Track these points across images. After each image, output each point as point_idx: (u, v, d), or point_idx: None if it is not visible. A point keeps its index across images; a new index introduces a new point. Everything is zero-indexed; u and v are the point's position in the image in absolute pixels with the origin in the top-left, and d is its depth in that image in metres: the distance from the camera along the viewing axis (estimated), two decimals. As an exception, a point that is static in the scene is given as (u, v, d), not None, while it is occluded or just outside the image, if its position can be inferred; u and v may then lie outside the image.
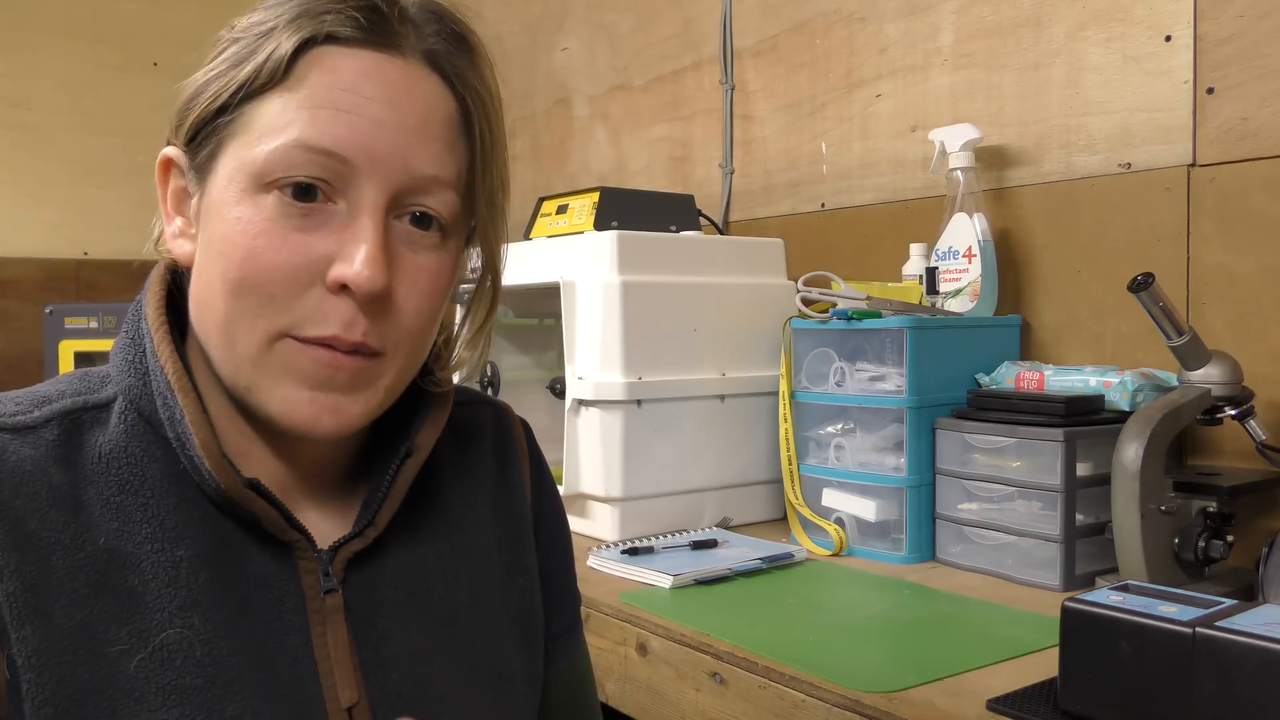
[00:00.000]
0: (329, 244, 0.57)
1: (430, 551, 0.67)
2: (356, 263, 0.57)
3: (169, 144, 0.63)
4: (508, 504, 0.74)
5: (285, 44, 0.57)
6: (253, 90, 0.58)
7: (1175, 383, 1.14)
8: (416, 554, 0.66)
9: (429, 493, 0.68)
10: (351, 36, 0.58)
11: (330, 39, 0.58)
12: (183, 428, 0.58)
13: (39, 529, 0.55)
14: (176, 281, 0.65)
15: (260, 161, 0.57)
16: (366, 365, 0.59)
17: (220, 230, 0.58)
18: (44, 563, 0.54)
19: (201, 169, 0.61)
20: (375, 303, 0.58)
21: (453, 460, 0.71)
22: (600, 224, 1.49)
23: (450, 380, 0.70)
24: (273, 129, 0.57)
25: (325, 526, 0.65)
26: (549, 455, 0.82)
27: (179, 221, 0.63)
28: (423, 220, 0.60)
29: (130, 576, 0.56)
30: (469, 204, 0.63)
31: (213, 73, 0.59)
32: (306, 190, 0.57)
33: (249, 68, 0.58)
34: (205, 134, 0.60)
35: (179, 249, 0.63)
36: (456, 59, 0.62)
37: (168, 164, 0.63)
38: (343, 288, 0.57)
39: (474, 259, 0.69)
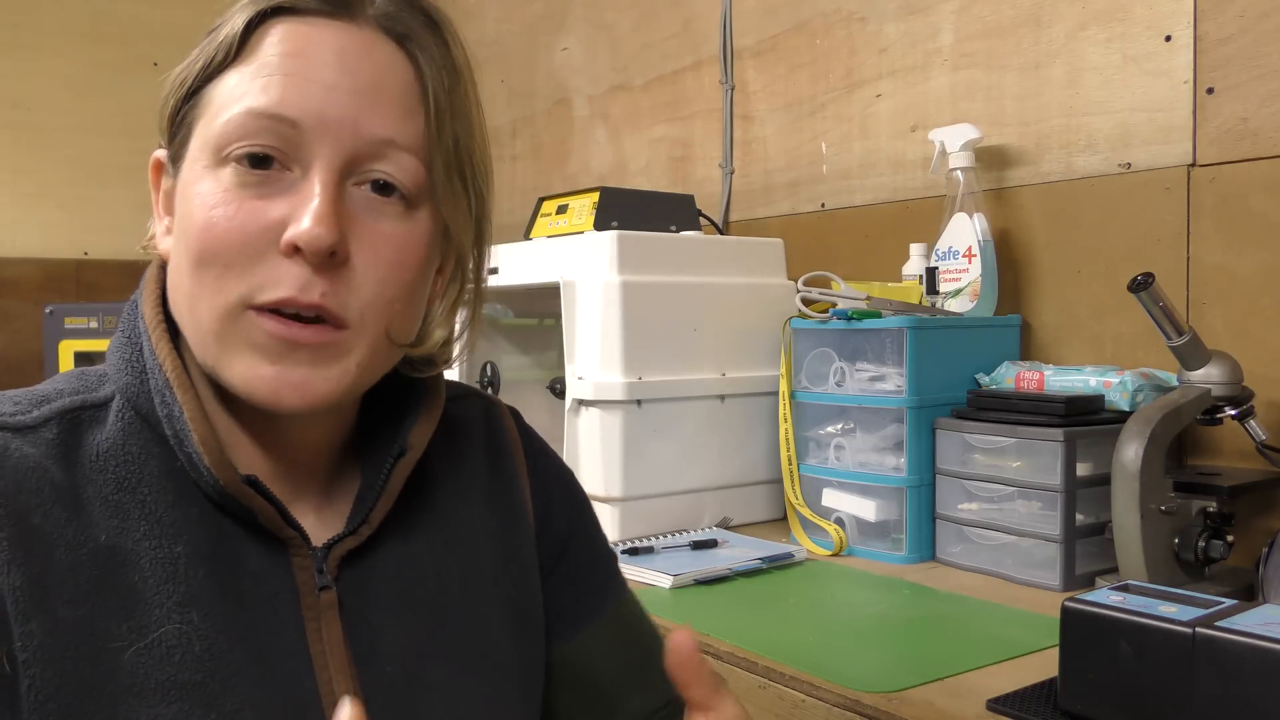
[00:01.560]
0: (283, 209, 0.57)
1: (422, 546, 0.67)
2: (305, 221, 0.56)
3: (160, 146, 0.64)
4: (501, 496, 0.74)
5: (238, 20, 0.59)
6: (211, 70, 0.59)
7: (1175, 383, 1.14)
8: (408, 549, 0.66)
9: (421, 488, 0.68)
10: (304, 7, 0.59)
11: (283, 11, 0.59)
12: (181, 425, 0.58)
13: (43, 524, 0.55)
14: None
15: (216, 134, 0.58)
16: (330, 338, 0.58)
17: (184, 209, 0.59)
18: (48, 558, 0.55)
19: (176, 159, 0.62)
20: (332, 267, 0.57)
21: (444, 455, 0.71)
22: (600, 224, 1.49)
23: (438, 369, 0.69)
24: (228, 101, 0.58)
25: (316, 522, 0.65)
26: (549, 455, 0.82)
27: (166, 220, 0.64)
28: (384, 188, 0.60)
29: (130, 573, 0.56)
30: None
31: (184, 65, 0.61)
32: (262, 160, 0.57)
33: (208, 51, 0.59)
34: (177, 123, 0.61)
35: (164, 246, 0.63)
36: (413, 25, 0.61)
37: (159, 165, 0.64)
38: (295, 250, 0.57)
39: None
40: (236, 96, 0.58)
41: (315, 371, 0.58)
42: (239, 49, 0.59)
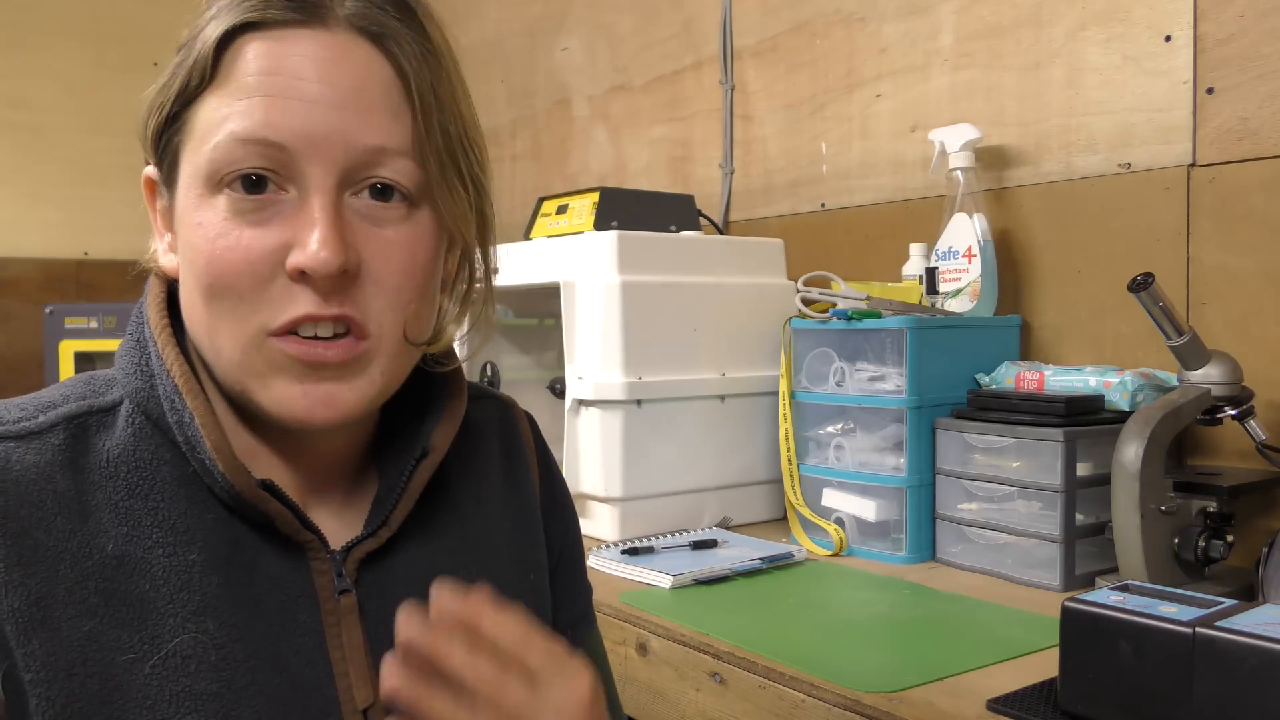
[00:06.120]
0: (284, 233, 0.56)
1: (441, 548, 0.67)
2: (310, 245, 0.55)
3: (148, 162, 0.63)
4: (516, 500, 0.73)
5: (209, 40, 0.57)
6: (189, 94, 0.58)
7: (1175, 383, 1.14)
8: (427, 551, 0.66)
9: (438, 489, 0.68)
10: (272, 19, 0.57)
11: (251, 26, 0.57)
12: (193, 431, 0.58)
13: (45, 539, 0.54)
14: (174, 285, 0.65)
15: (205, 163, 0.57)
16: (354, 351, 0.58)
17: (186, 238, 0.58)
18: (51, 574, 0.54)
19: (168, 182, 0.61)
20: (344, 282, 0.57)
21: (460, 456, 0.70)
22: (600, 224, 1.49)
23: (457, 364, 0.68)
24: (211, 128, 0.57)
25: (335, 525, 0.64)
26: (549, 455, 0.82)
27: (168, 237, 0.63)
28: (384, 192, 0.59)
29: (140, 582, 0.56)
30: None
31: (160, 84, 0.60)
32: (256, 182, 0.56)
33: (183, 73, 0.58)
34: (163, 147, 0.60)
35: (168, 264, 0.63)
36: (387, 21, 0.59)
37: (151, 184, 0.63)
38: (303, 274, 0.56)
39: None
40: (218, 121, 0.56)
41: (342, 385, 0.58)
42: (214, 70, 0.57)
